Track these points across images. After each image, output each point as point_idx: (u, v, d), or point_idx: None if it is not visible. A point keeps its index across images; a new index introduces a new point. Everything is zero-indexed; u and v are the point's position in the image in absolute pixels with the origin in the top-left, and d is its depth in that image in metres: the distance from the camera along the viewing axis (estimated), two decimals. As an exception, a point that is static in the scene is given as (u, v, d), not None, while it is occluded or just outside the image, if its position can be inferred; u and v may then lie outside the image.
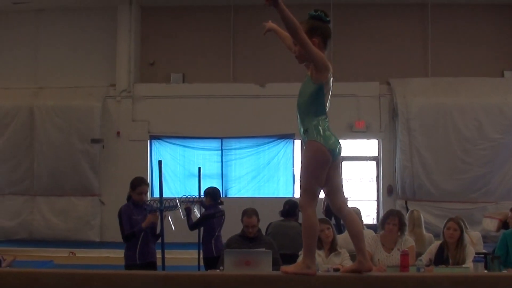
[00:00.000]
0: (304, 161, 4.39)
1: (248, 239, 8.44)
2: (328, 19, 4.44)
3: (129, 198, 8.77)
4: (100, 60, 20.09)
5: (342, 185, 4.62)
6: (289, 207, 10.07)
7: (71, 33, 20.20)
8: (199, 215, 10.86)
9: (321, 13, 4.43)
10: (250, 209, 8.72)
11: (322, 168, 4.35)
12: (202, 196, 11.06)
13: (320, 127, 4.36)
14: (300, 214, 4.66)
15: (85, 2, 19.94)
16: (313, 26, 4.41)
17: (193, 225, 10.45)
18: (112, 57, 19.86)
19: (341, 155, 4.51)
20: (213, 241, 10.04)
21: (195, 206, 11.27)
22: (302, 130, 4.43)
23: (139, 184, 8.70)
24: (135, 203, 8.65)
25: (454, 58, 19.45)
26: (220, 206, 10.45)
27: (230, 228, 9.93)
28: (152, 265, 8.61)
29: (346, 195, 4.72)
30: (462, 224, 8.01)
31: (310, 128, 4.36)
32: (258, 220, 8.62)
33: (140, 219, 8.57)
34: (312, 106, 4.38)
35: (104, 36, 20.16)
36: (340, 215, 4.57)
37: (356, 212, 9.90)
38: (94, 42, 20.18)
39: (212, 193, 10.50)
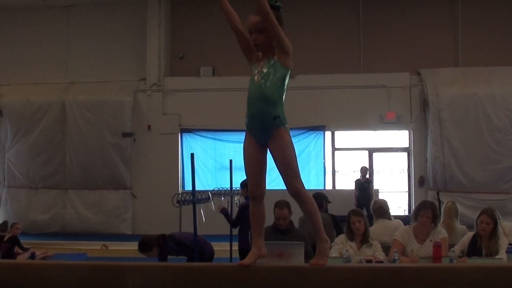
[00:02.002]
0: (283, 151, 4.54)
1: (280, 231, 8.39)
2: (281, 7, 4.51)
3: None
4: (130, 54, 20.23)
5: None
6: (317, 200, 10.03)
7: (101, 28, 20.36)
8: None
9: (279, 3, 4.51)
10: (281, 201, 8.58)
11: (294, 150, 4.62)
12: (238, 188, 11.08)
13: (284, 113, 4.47)
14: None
15: (115, -4, 20.12)
16: (277, 16, 4.46)
17: (235, 222, 10.44)
18: (142, 51, 19.94)
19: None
20: (250, 233, 10.02)
21: (227, 203, 11.32)
22: (268, 116, 4.45)
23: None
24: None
25: (485, 48, 19.26)
26: None
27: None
28: None
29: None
30: (496, 215, 7.90)
31: (281, 115, 4.43)
32: (290, 212, 8.54)
33: None
34: (281, 92, 4.49)
35: (134, 30, 20.29)
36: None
37: (382, 203, 9.85)
38: (124, 37, 20.33)
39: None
